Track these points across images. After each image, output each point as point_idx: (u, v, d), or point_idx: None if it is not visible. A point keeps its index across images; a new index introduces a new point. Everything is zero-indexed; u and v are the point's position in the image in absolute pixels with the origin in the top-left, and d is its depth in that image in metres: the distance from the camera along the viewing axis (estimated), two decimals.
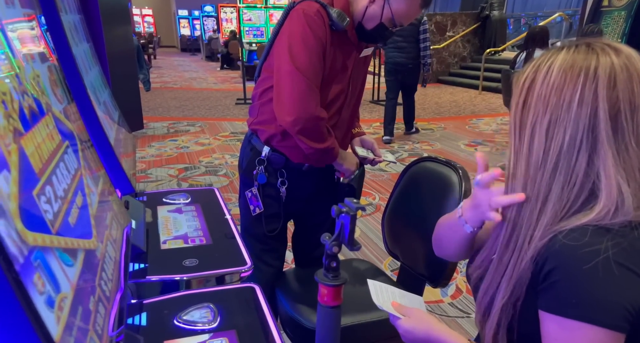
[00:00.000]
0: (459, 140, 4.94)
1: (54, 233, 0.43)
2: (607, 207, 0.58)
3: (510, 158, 0.66)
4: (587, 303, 0.56)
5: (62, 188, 0.51)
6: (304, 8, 1.16)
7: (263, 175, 1.30)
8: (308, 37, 1.15)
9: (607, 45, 0.61)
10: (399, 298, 0.83)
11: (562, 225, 0.60)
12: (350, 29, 1.24)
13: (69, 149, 0.59)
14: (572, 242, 0.57)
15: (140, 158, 4.24)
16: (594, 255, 0.55)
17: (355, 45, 1.28)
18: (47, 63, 0.63)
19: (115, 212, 0.79)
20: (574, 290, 0.56)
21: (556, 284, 0.57)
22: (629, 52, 0.61)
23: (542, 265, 0.59)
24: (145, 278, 0.94)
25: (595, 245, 0.56)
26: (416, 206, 1.34)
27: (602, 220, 0.58)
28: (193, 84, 9.80)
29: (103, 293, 0.52)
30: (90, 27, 1.27)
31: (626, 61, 0.59)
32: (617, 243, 0.56)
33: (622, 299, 0.55)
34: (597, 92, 0.58)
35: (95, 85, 1.08)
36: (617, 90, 0.58)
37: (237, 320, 0.82)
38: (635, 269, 0.56)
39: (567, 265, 0.57)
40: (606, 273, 0.55)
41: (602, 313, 0.55)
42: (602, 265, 0.55)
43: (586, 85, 0.58)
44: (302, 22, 1.15)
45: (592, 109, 0.58)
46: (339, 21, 1.16)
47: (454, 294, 2.11)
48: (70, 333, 0.38)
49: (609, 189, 0.58)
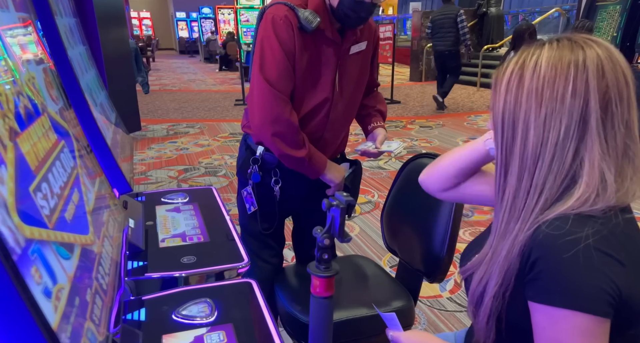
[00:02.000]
0: (457, 137, 4.95)
1: (50, 227, 0.44)
2: (586, 193, 0.60)
3: (500, 156, 0.67)
4: (570, 291, 0.57)
5: (59, 186, 0.52)
6: (272, 13, 1.17)
7: (257, 174, 1.31)
8: (273, 44, 1.15)
9: (588, 39, 0.63)
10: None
11: (545, 214, 0.61)
12: (329, 28, 1.21)
13: (65, 148, 0.61)
14: (554, 231, 0.59)
15: (140, 160, 4.27)
16: (574, 244, 0.57)
17: (339, 44, 1.24)
18: (43, 65, 0.65)
19: (112, 210, 0.81)
20: (556, 278, 0.58)
21: (541, 274, 0.59)
22: (607, 44, 0.63)
23: (528, 256, 0.61)
24: (144, 276, 0.95)
25: (576, 233, 0.57)
26: (413, 202, 1.35)
27: (583, 206, 0.59)
28: (192, 85, 9.82)
29: (100, 287, 0.54)
30: (86, 30, 1.29)
31: (608, 52, 0.61)
32: (597, 231, 0.58)
33: (604, 285, 0.56)
34: (589, 83, 0.59)
35: (91, 87, 1.10)
36: (605, 79, 0.60)
37: (234, 314, 0.83)
38: (615, 255, 0.57)
39: (550, 255, 0.58)
40: (587, 261, 0.56)
41: (586, 300, 0.56)
42: (582, 253, 0.56)
43: (577, 76, 0.60)
44: (269, 29, 1.16)
45: (584, 100, 0.59)
46: (307, 23, 1.15)
47: (452, 289, 2.12)
48: (68, 322, 0.40)
49: (590, 176, 0.60)
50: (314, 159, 1.25)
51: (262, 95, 1.17)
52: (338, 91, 1.29)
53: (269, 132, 1.19)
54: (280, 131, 1.18)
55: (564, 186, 0.62)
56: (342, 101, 1.32)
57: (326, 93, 1.26)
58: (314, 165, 1.25)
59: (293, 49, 1.17)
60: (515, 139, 0.64)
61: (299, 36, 1.17)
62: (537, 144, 0.62)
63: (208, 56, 15.06)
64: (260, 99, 1.18)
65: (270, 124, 1.18)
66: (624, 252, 0.59)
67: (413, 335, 0.81)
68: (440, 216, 1.22)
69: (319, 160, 1.27)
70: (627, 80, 0.61)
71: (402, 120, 5.85)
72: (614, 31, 4.37)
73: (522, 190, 0.64)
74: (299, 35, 1.17)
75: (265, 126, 1.19)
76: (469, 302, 0.72)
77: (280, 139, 1.19)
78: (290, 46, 1.16)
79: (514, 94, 0.64)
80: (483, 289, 0.68)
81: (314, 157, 1.25)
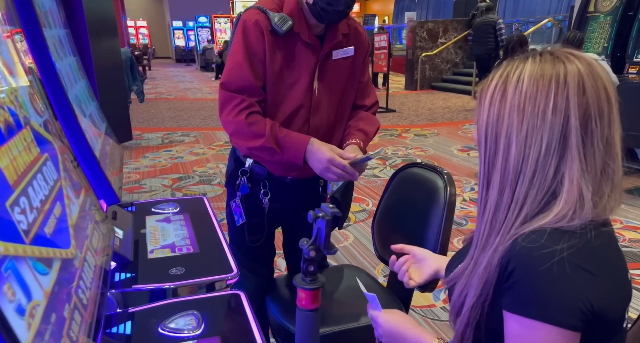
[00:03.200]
0: (451, 146, 4.97)
1: (27, 243, 0.44)
2: (564, 210, 0.60)
3: (483, 168, 0.67)
4: (543, 303, 0.57)
5: (39, 200, 0.52)
6: (244, 18, 1.18)
7: (245, 186, 1.29)
8: (237, 48, 1.17)
9: (570, 53, 0.63)
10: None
11: (524, 227, 0.61)
12: (306, 31, 1.20)
13: (48, 161, 0.60)
14: (531, 244, 0.59)
15: (134, 169, 4.25)
16: (550, 257, 0.57)
17: (317, 48, 1.22)
18: (27, 77, 0.65)
19: (97, 222, 0.80)
20: (531, 290, 0.58)
21: (516, 284, 0.59)
22: (589, 59, 0.63)
23: (506, 266, 0.61)
24: (132, 288, 0.95)
25: (551, 246, 0.58)
26: (404, 211, 1.35)
27: (560, 222, 0.60)
28: (188, 94, 9.84)
29: (80, 302, 0.53)
30: (77, 40, 1.29)
31: (589, 68, 0.62)
32: (572, 245, 0.58)
33: (576, 298, 0.56)
34: (569, 100, 0.60)
35: (81, 98, 1.10)
36: (586, 96, 0.60)
37: (222, 327, 0.83)
38: (589, 269, 0.58)
39: (526, 266, 0.59)
40: (562, 274, 0.56)
41: (558, 312, 0.57)
42: (557, 266, 0.56)
43: (558, 93, 0.60)
44: (238, 33, 1.17)
45: (565, 116, 0.60)
46: (278, 26, 1.15)
47: (446, 299, 2.11)
48: (42, 340, 0.39)
49: (569, 193, 0.60)
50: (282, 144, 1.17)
51: (219, 99, 1.20)
52: (317, 96, 1.26)
53: (227, 131, 1.21)
54: (234, 129, 1.19)
55: (544, 201, 0.62)
56: (324, 107, 1.28)
57: (302, 98, 1.24)
58: (287, 151, 1.17)
59: (261, 51, 1.17)
60: (497, 152, 0.64)
61: (271, 39, 1.17)
62: (519, 159, 0.62)
63: (204, 64, 15.13)
64: (220, 99, 1.20)
65: (225, 125, 1.20)
66: (598, 264, 0.59)
67: (391, 316, 0.82)
68: (432, 225, 1.22)
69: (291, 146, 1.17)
70: (608, 95, 0.61)
71: (397, 128, 5.88)
72: (605, 42, 4.43)
73: (504, 204, 0.64)
74: (270, 39, 1.17)
75: (226, 128, 1.21)
76: (450, 312, 0.73)
77: (236, 137, 1.20)
78: (256, 48, 1.16)
79: (496, 108, 0.64)
80: (463, 300, 0.68)
81: (282, 143, 1.17)
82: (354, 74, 1.33)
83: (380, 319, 0.81)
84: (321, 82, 1.25)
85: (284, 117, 1.24)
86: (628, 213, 3.04)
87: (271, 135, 1.16)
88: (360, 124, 1.33)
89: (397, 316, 0.82)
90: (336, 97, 1.31)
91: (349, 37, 1.29)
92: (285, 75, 1.22)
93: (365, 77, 1.37)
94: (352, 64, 1.30)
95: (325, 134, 1.32)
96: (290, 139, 1.19)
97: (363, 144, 1.28)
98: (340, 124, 1.36)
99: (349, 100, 1.35)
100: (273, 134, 1.17)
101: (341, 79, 1.30)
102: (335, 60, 1.27)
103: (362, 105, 1.38)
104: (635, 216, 3.00)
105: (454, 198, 1.22)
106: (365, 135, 1.31)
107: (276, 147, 1.17)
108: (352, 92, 1.35)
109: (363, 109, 1.38)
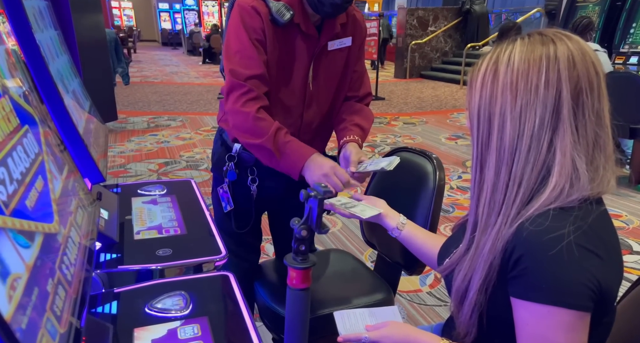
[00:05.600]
0: (440, 134, 5.00)
1: (7, 214, 0.42)
2: (560, 183, 0.60)
3: (476, 151, 0.67)
4: (554, 287, 0.58)
5: (20, 171, 0.50)
6: (240, 2, 1.12)
7: (233, 172, 1.26)
8: (240, 33, 1.11)
9: (558, 32, 0.65)
10: (369, 318, 0.86)
11: (527, 209, 0.62)
12: (304, 21, 1.14)
13: (28, 133, 0.58)
14: (537, 228, 0.59)
15: (120, 153, 4.18)
16: (558, 241, 0.58)
17: (315, 38, 1.17)
18: (4, 46, 0.61)
19: (82, 200, 0.78)
20: (541, 275, 0.58)
21: (525, 271, 0.60)
22: (577, 37, 0.64)
23: (511, 253, 0.61)
24: (118, 268, 0.93)
25: (559, 230, 0.58)
26: (393, 196, 1.35)
27: (559, 197, 0.60)
28: (174, 78, 9.66)
29: (64, 277, 0.51)
30: (59, 14, 1.24)
31: (577, 45, 0.63)
32: (578, 227, 0.59)
33: (586, 280, 0.58)
34: (560, 73, 0.61)
35: (63, 73, 1.05)
36: (576, 70, 0.61)
37: (210, 307, 0.82)
38: (595, 250, 0.59)
39: (534, 252, 0.59)
40: (570, 257, 0.57)
41: (569, 296, 0.58)
42: (565, 250, 0.57)
43: (549, 68, 0.61)
44: (236, 17, 1.12)
45: (557, 90, 0.61)
46: (279, 15, 1.09)
47: (432, 283, 2.14)
48: (24, 313, 0.38)
49: (561, 165, 0.61)
50: (282, 150, 1.11)
51: (226, 85, 1.14)
52: (312, 90, 1.21)
53: (230, 122, 1.16)
54: (239, 120, 1.13)
55: (541, 177, 0.62)
56: (318, 101, 1.24)
57: (297, 91, 1.20)
58: (286, 158, 1.11)
59: (263, 38, 1.12)
60: (491, 133, 0.65)
61: (271, 28, 1.12)
62: (514, 136, 0.63)
63: (191, 48, 14.83)
64: (225, 90, 1.15)
65: (231, 114, 1.14)
66: (602, 245, 0.60)
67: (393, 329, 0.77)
68: (419, 210, 1.22)
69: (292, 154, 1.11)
70: (597, 70, 0.62)
71: (386, 116, 5.88)
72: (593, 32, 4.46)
73: (501, 183, 0.64)
74: (270, 28, 1.12)
75: (231, 118, 1.15)
76: (453, 298, 0.72)
77: (238, 129, 1.14)
78: (259, 34, 1.11)
79: (489, 88, 0.65)
80: (468, 284, 0.68)
81: (282, 149, 1.11)
82: (349, 65, 1.28)
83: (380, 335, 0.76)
84: (316, 75, 1.21)
85: (276, 112, 1.18)
86: (612, 202, 3.11)
87: (273, 137, 1.09)
88: (355, 119, 1.26)
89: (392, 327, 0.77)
90: (331, 91, 1.26)
91: (347, 27, 1.23)
92: (280, 68, 1.16)
93: (359, 66, 1.32)
94: (348, 54, 1.26)
95: (317, 128, 1.28)
96: (293, 148, 1.11)
97: (361, 141, 1.23)
98: (330, 118, 1.31)
99: (344, 93, 1.31)
100: (276, 137, 1.10)
101: (337, 71, 1.25)
102: (332, 52, 1.21)
103: (354, 96, 1.33)
104: (619, 205, 3.07)
105: (443, 183, 1.22)
106: (362, 131, 1.25)
107: (275, 151, 1.10)
108: (346, 84, 1.30)
109: (355, 100, 1.33)
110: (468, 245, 0.68)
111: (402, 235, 0.99)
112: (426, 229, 1.19)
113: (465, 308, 0.68)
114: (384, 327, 0.78)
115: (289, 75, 1.18)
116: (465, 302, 0.68)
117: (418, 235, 0.98)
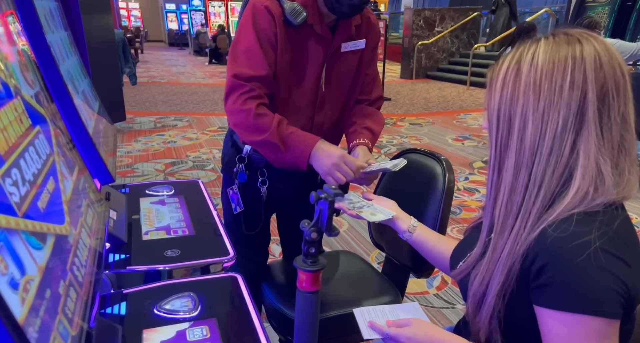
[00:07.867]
0: (446, 135, 4.97)
1: (20, 215, 0.42)
2: (584, 187, 0.59)
3: (494, 152, 0.66)
4: (584, 296, 0.56)
5: (32, 173, 0.50)
6: (253, 1, 1.11)
7: (243, 174, 1.25)
8: (249, 34, 1.09)
9: (584, 33, 0.63)
10: (390, 315, 0.83)
11: (549, 213, 0.60)
12: (318, 22, 1.13)
13: (40, 134, 0.58)
14: (562, 234, 0.58)
15: (127, 153, 4.20)
16: (584, 247, 0.56)
17: (329, 40, 1.16)
18: (16, 47, 0.61)
19: (92, 201, 0.78)
20: (570, 283, 0.57)
21: (552, 279, 0.58)
22: (603, 38, 0.63)
23: (533, 260, 0.60)
24: (126, 269, 0.93)
25: (584, 236, 0.57)
26: (401, 197, 1.34)
27: (583, 201, 0.59)
28: (181, 78, 9.70)
29: (75, 279, 0.51)
30: (69, 15, 1.24)
31: (603, 45, 0.62)
32: (604, 232, 0.57)
33: (616, 286, 0.56)
34: (586, 74, 0.59)
35: (73, 74, 1.06)
36: (603, 71, 0.60)
37: (218, 309, 0.81)
38: (621, 256, 0.57)
39: (560, 259, 0.58)
40: (598, 264, 0.56)
41: (601, 303, 0.56)
42: (593, 257, 0.56)
43: (575, 68, 0.60)
44: (247, 17, 1.10)
45: (582, 91, 0.59)
46: (292, 16, 1.07)
47: (440, 285, 2.13)
48: (37, 315, 0.38)
49: (585, 168, 0.60)
50: (287, 142, 1.09)
51: (226, 86, 1.14)
52: (324, 92, 1.20)
53: (231, 122, 1.16)
54: (239, 119, 1.12)
55: (562, 180, 0.61)
56: (330, 104, 1.23)
57: (308, 93, 1.18)
58: (291, 150, 1.10)
59: (273, 39, 1.10)
60: (511, 134, 0.63)
61: (283, 29, 1.10)
62: (535, 138, 0.61)
63: (198, 49, 14.88)
64: (225, 91, 1.14)
65: (230, 114, 1.14)
66: (628, 252, 0.59)
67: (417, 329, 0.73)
68: (428, 211, 1.21)
69: (297, 145, 1.09)
70: (623, 72, 0.61)
71: (392, 117, 5.86)
72: (603, 32, 4.42)
73: (520, 185, 0.63)
74: (282, 28, 1.10)
75: (229, 118, 1.15)
76: (469, 303, 0.70)
77: (240, 127, 1.14)
78: (269, 35, 1.09)
79: (510, 88, 0.63)
80: (486, 288, 0.66)
81: (287, 141, 1.09)
82: (362, 67, 1.26)
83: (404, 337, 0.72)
84: (328, 77, 1.20)
85: (287, 114, 1.17)
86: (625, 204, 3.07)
87: (276, 131, 1.08)
88: (366, 122, 1.25)
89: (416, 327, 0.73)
90: (343, 93, 1.25)
91: (361, 29, 1.22)
92: (292, 69, 1.15)
93: (371, 69, 1.31)
94: (361, 57, 1.24)
95: (327, 130, 1.27)
96: (297, 138, 1.11)
97: (371, 144, 1.22)
98: (341, 121, 1.30)
99: (355, 96, 1.29)
100: (279, 130, 1.09)
101: (349, 73, 1.24)
102: (344, 53, 1.20)
103: (365, 99, 1.32)
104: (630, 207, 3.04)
105: (453, 185, 1.21)
106: (372, 135, 1.24)
107: (280, 144, 1.09)
108: (359, 87, 1.29)
109: (366, 103, 1.32)
110: (484, 248, 0.67)
111: (413, 238, 0.97)
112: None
113: (483, 313, 0.67)
114: (407, 325, 0.74)
115: (301, 76, 1.17)
116: (483, 307, 0.66)
117: (429, 238, 0.97)
